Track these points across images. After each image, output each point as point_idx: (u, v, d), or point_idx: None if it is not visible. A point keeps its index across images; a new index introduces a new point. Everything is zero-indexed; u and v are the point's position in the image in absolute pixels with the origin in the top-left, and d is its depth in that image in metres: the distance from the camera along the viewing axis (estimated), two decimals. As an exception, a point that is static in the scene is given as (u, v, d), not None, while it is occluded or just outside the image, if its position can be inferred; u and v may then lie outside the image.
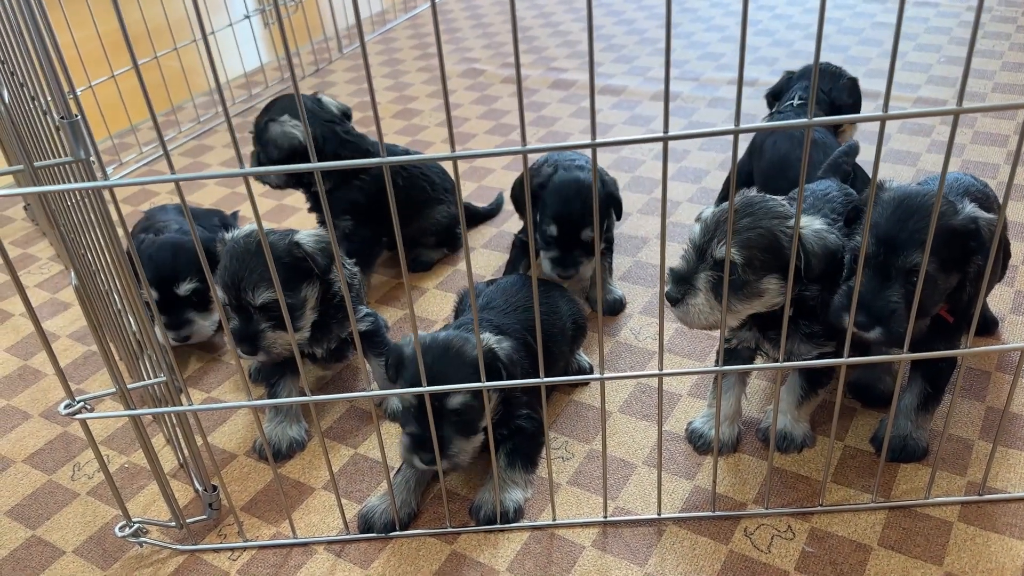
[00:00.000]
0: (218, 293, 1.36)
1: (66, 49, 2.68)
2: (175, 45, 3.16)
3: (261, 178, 2.24)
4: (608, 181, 2.15)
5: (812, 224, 1.51)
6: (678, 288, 1.51)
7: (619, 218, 2.20)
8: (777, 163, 2.14)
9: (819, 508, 1.58)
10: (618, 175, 2.70)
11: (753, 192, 1.55)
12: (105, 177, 1.24)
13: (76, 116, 1.21)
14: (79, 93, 2.79)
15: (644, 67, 3.54)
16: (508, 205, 2.61)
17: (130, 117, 3.11)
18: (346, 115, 2.27)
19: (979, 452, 1.67)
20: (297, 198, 2.74)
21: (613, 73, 3.51)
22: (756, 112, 3.06)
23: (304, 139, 2.05)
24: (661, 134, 1.14)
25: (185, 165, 3.07)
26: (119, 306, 1.72)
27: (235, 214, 2.47)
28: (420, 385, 1.42)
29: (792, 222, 1.48)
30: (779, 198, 1.54)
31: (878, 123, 1.17)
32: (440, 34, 1.05)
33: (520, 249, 2.22)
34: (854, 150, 1.90)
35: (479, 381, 1.49)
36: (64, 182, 1.50)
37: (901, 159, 2.68)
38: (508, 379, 1.53)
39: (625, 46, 3.78)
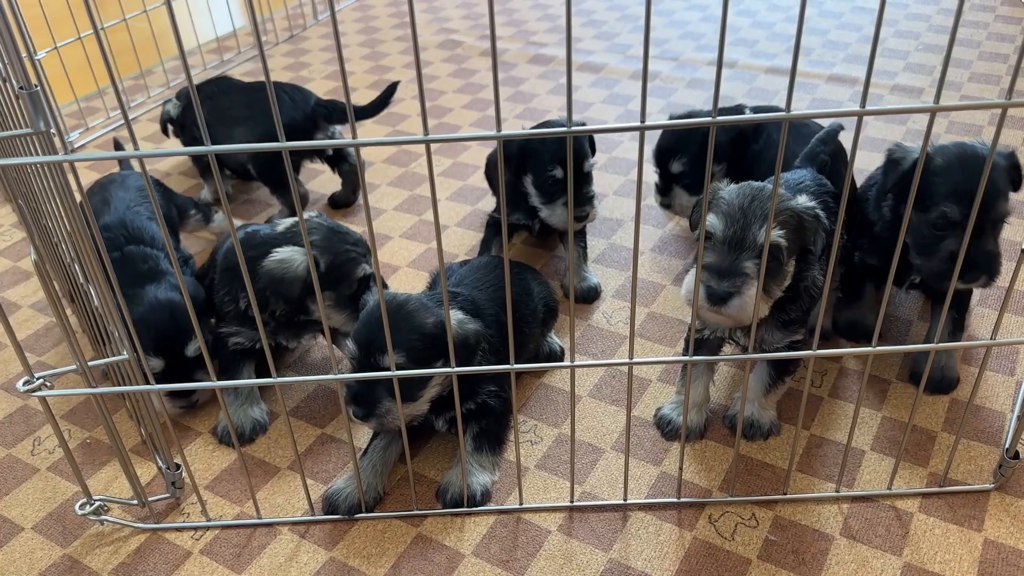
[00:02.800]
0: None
1: (31, 8, 2.62)
2: (144, 8, 3.07)
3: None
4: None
5: (806, 202, 1.52)
6: (728, 282, 1.41)
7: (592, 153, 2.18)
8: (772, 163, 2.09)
9: (783, 497, 1.59)
10: (598, 154, 2.68)
11: (751, 182, 1.53)
12: (65, 148, 1.20)
13: (36, 87, 1.16)
14: (43, 56, 2.74)
15: (625, 44, 3.50)
16: (472, 177, 2.59)
17: (97, 81, 3.02)
18: None
19: (942, 444, 1.69)
20: (265, 190, 2.64)
21: (593, 50, 3.47)
22: (735, 95, 3.05)
23: (174, 113, 2.51)
24: (638, 123, 1.13)
25: (153, 132, 3.00)
26: (81, 279, 1.68)
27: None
28: (362, 341, 1.50)
29: (795, 203, 1.49)
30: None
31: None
32: (413, 4, 1.02)
33: (493, 229, 2.20)
34: (831, 136, 1.89)
35: (425, 347, 1.52)
36: (24, 152, 1.45)
37: (877, 147, 2.68)
38: (459, 360, 1.53)
39: (606, 22, 3.74)
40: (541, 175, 2.03)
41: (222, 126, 2.39)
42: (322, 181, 2.70)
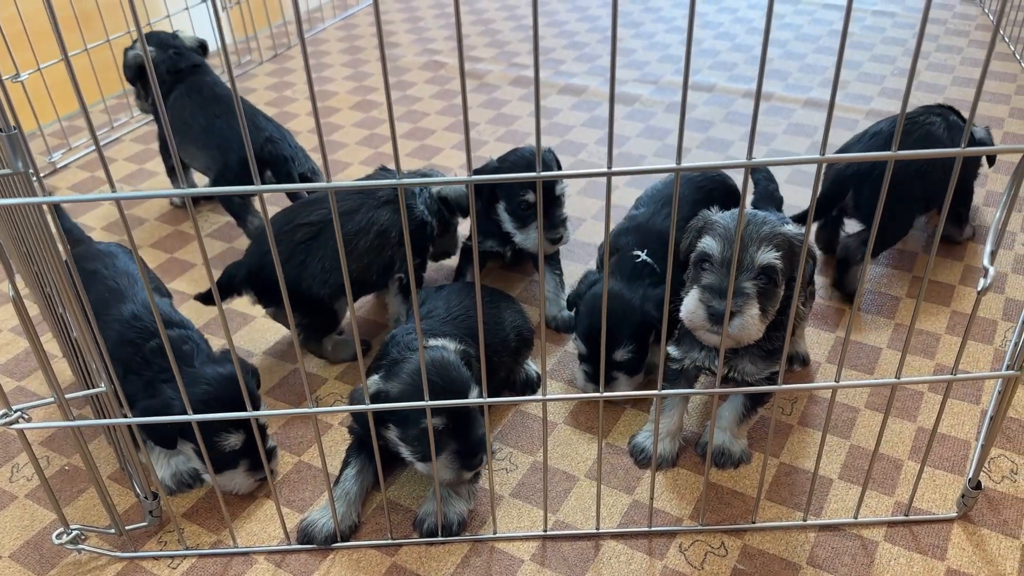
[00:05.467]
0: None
1: (11, 23, 2.63)
2: (128, 29, 3.09)
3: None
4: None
5: (794, 228, 1.55)
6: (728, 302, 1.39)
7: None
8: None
9: (752, 525, 1.62)
10: (574, 179, 2.72)
11: (735, 210, 1.55)
12: (43, 189, 1.22)
13: (14, 129, 1.19)
14: (26, 77, 2.74)
15: (605, 67, 3.54)
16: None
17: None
18: (202, 47, 2.66)
19: (907, 473, 1.73)
20: None
21: (574, 72, 3.51)
22: (713, 119, 3.09)
23: (144, 60, 2.45)
24: (605, 169, 1.16)
25: (136, 152, 3.01)
26: (60, 310, 1.69)
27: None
28: (436, 412, 1.48)
29: (787, 229, 1.52)
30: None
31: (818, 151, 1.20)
32: (382, 29, 1.05)
33: (467, 256, 2.23)
34: (771, 175, 1.95)
35: (471, 377, 1.58)
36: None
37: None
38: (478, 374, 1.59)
39: (587, 44, 3.78)
40: (513, 201, 2.06)
41: (179, 138, 2.46)
42: (304, 203, 2.72)
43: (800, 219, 1.97)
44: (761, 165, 1.16)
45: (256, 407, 1.63)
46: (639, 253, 1.90)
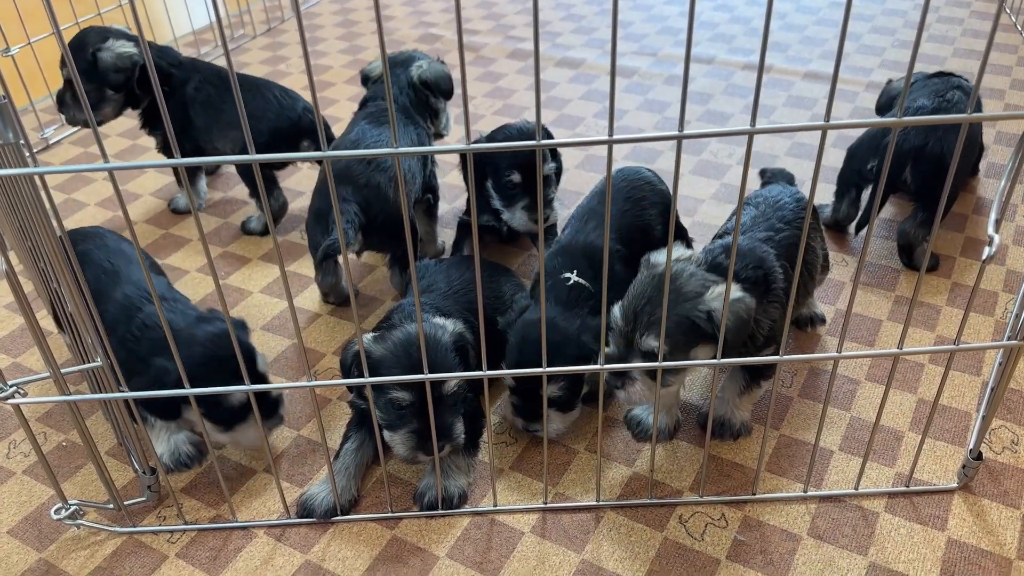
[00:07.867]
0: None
1: (2, 1, 2.58)
2: (120, 2, 3.05)
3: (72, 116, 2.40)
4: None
5: (730, 292, 1.49)
6: (616, 378, 1.57)
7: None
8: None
9: (752, 497, 1.62)
10: (572, 152, 2.70)
11: (675, 263, 1.56)
12: (34, 159, 1.21)
13: (4, 99, 1.16)
14: (16, 51, 2.70)
15: (603, 39, 3.51)
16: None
17: (72, 75, 3.00)
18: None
19: (908, 444, 1.72)
20: (242, 190, 2.63)
21: (571, 44, 3.47)
22: (712, 91, 3.07)
23: (138, 54, 2.27)
24: (606, 137, 1.14)
25: (129, 127, 2.98)
26: (54, 284, 1.67)
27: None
28: (404, 386, 1.48)
29: (707, 298, 1.50)
30: (693, 263, 1.56)
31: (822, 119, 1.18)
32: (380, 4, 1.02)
33: (464, 229, 2.22)
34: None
35: (455, 364, 1.56)
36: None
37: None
38: (475, 357, 1.58)
39: (584, 16, 3.74)
40: (500, 180, 2.05)
41: (218, 127, 2.36)
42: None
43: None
44: (763, 132, 1.14)
45: (251, 356, 1.61)
46: (569, 275, 1.79)
